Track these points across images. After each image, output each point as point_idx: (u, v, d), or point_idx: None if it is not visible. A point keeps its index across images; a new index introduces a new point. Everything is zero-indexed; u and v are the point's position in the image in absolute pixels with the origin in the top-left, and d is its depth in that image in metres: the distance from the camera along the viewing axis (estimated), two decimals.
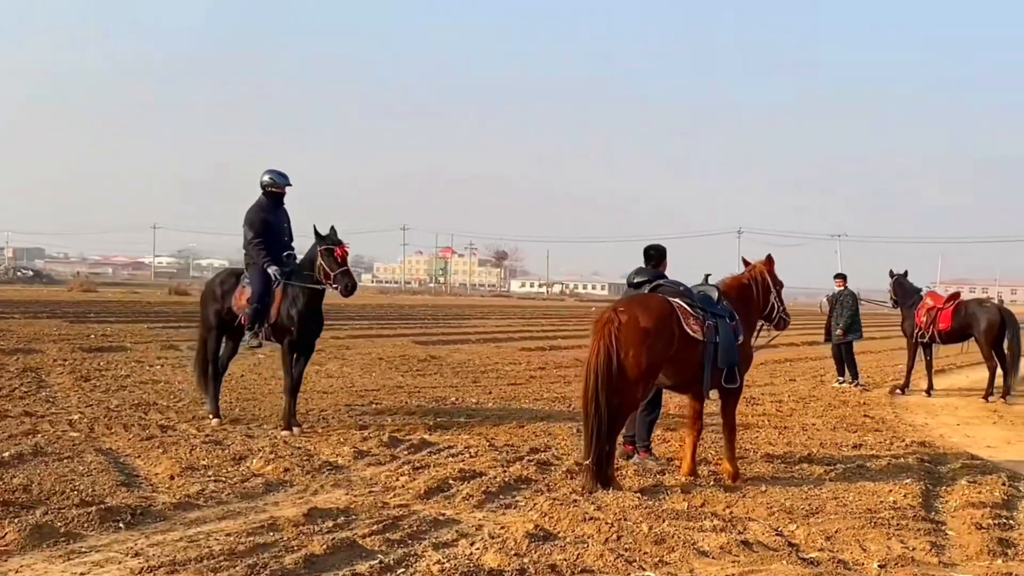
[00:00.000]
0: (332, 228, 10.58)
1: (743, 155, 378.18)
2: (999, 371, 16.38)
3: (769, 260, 9.30)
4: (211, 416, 10.84)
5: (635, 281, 9.01)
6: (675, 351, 7.99)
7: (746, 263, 9.42)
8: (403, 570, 5.66)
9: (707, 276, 9.07)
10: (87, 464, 8.13)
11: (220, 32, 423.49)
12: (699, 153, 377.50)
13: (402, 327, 32.56)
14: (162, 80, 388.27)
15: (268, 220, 10.88)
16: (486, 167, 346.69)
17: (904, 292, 17.86)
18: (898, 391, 17.03)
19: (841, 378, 17.95)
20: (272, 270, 10.56)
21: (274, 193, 10.99)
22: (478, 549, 6.11)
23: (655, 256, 9.21)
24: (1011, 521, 7.44)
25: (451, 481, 8.03)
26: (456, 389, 15.06)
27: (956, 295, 17.79)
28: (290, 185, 11.06)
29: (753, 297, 9.04)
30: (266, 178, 10.97)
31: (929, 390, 16.95)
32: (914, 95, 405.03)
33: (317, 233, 10.51)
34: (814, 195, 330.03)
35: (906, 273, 18.13)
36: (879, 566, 6.10)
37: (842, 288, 18.32)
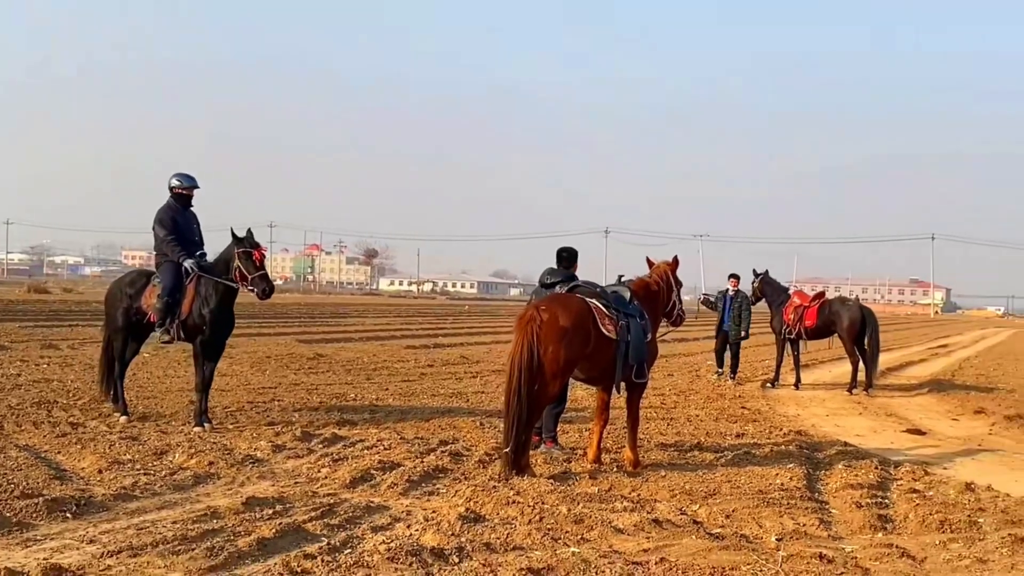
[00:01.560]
0: (249, 231, 10.84)
1: (610, 156, 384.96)
2: (861, 365, 17.57)
3: (675, 261, 9.97)
4: (119, 414, 10.95)
5: (548, 281, 9.57)
6: (591, 349, 8.58)
7: (650, 263, 10.05)
8: (350, 550, 6.07)
9: (620, 276, 9.67)
10: (13, 459, 8.29)
11: (64, 25, 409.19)
12: (568, 153, 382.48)
13: (281, 326, 32.50)
14: (17, 74, 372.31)
15: (178, 220, 11.06)
16: (356, 163, 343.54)
17: (773, 290, 18.88)
18: (769, 384, 18.07)
19: (720, 370, 18.86)
20: (188, 263, 10.74)
21: (182, 195, 11.18)
22: (416, 531, 6.58)
23: (567, 258, 9.78)
24: (886, 500, 8.27)
25: (373, 471, 8.44)
26: (352, 386, 15.37)
27: (821, 294, 18.94)
28: (197, 188, 11.27)
29: (660, 296, 9.69)
30: (174, 181, 11.17)
31: (797, 383, 18.05)
32: (767, 102, 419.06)
33: (234, 235, 10.74)
34: (678, 197, 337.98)
35: (767, 272, 19.16)
36: (777, 539, 6.77)
37: (737, 288, 18.77)
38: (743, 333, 18.52)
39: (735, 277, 18.95)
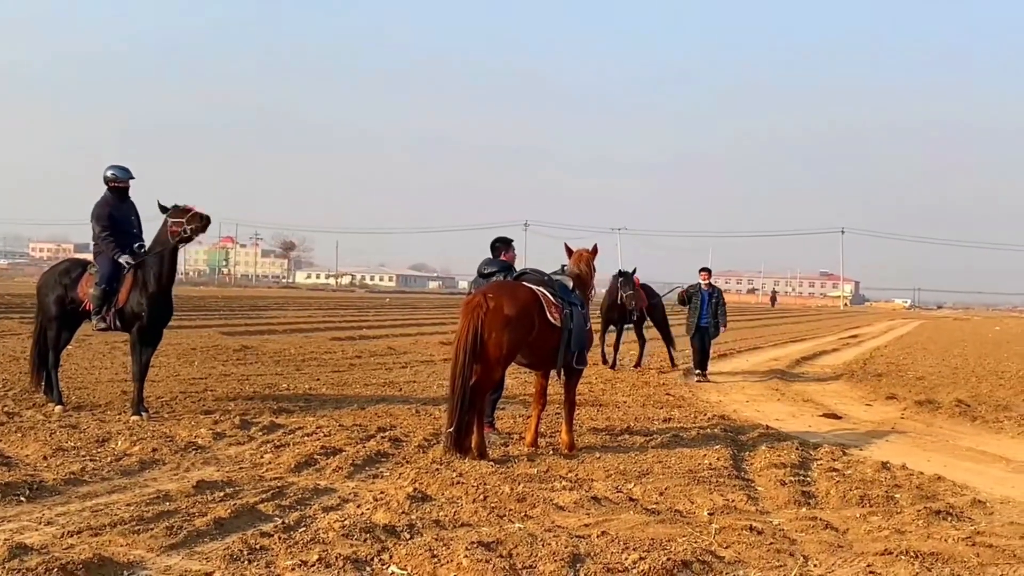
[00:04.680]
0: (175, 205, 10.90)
1: (531, 149, 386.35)
2: (666, 347, 20.08)
3: (594, 249, 10.26)
4: (53, 404, 10.93)
5: (486, 272, 9.82)
6: (534, 337, 8.88)
7: (569, 250, 10.31)
8: (304, 528, 6.28)
9: (563, 267, 9.93)
10: None
11: None
12: (490, 145, 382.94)
13: (202, 318, 32.17)
14: None
15: (114, 215, 11.09)
16: (271, 153, 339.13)
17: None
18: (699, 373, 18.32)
19: (701, 372, 17.81)
20: (123, 259, 10.78)
21: (118, 188, 11.21)
22: (367, 510, 6.81)
23: (501, 248, 10.05)
24: (807, 478, 8.74)
25: (316, 456, 8.62)
26: (283, 377, 15.44)
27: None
28: (133, 179, 11.30)
29: (590, 283, 10.03)
30: (109, 173, 11.19)
31: (639, 364, 19.51)
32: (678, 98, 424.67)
33: (161, 206, 10.79)
34: (597, 191, 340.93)
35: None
36: (708, 514, 7.17)
37: (710, 282, 17.94)
38: (722, 328, 18.01)
39: (706, 270, 18.13)
